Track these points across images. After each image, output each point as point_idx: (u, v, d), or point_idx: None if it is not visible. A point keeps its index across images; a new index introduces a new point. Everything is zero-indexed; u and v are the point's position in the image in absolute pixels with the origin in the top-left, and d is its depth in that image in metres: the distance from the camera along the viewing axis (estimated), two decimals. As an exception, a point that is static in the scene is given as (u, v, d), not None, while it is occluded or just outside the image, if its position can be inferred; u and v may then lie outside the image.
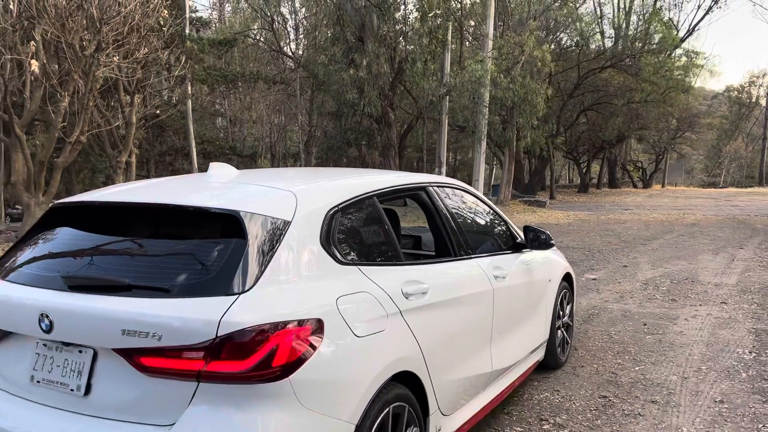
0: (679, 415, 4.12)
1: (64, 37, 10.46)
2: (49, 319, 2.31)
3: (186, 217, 2.49)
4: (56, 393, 2.36)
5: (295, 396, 2.18)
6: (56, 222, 2.79)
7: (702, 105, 75.27)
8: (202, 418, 2.13)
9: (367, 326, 2.52)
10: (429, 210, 3.55)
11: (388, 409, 2.56)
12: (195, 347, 2.11)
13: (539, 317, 4.49)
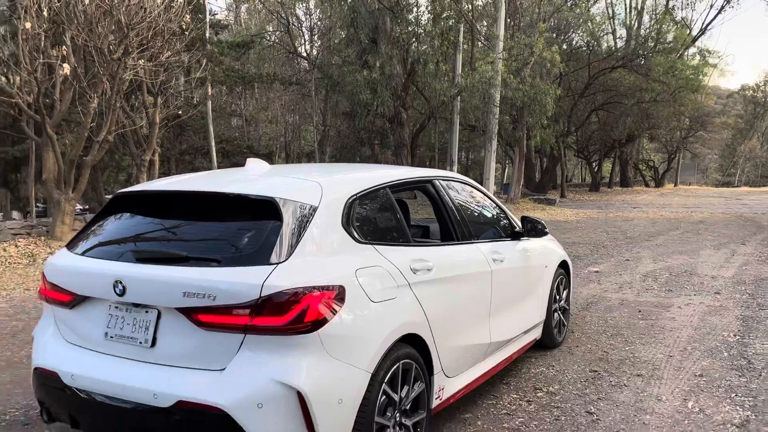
0: (661, 386, 4.59)
1: (94, 41, 11.04)
2: (122, 285, 2.83)
3: (233, 202, 3.01)
4: (127, 346, 2.88)
5: (323, 346, 2.69)
6: (119, 208, 3.32)
7: (717, 104, 75.01)
8: (248, 362, 2.64)
9: (380, 294, 3.02)
10: (435, 201, 4.06)
11: (398, 364, 3.06)
12: (242, 305, 2.63)
13: (536, 299, 4.97)
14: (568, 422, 3.93)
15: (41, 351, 3.16)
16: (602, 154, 36.71)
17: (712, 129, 53.39)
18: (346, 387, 2.76)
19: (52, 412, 3.13)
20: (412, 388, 3.20)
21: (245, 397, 2.59)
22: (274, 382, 2.60)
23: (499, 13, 18.81)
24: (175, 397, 2.66)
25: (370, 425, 2.86)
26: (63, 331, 3.15)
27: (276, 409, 2.60)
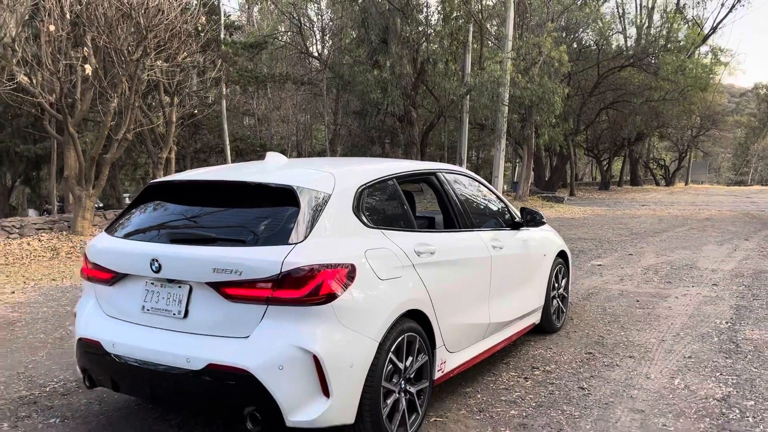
0: (651, 366, 4.90)
1: (114, 43, 11.46)
2: (158, 263, 3.19)
3: (256, 190, 3.37)
4: (162, 317, 3.25)
5: (336, 317, 3.04)
6: (152, 196, 3.69)
7: (731, 103, 74.66)
8: (270, 330, 2.99)
9: (387, 273, 3.37)
10: (438, 191, 4.40)
11: (403, 336, 3.40)
12: (265, 280, 2.98)
13: (534, 285, 5.29)
14: (561, 396, 4.26)
15: (84, 324, 3.53)
16: (612, 152, 36.83)
17: (724, 127, 53.24)
18: (357, 353, 3.11)
19: (94, 377, 3.50)
20: (416, 359, 3.54)
21: (268, 360, 2.94)
22: (293, 347, 2.95)
23: (508, 13, 19.08)
24: (205, 360, 3.02)
25: (378, 389, 3.21)
26: (103, 306, 3.52)
27: (295, 371, 2.95)
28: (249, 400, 2.98)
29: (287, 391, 2.94)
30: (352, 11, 20.27)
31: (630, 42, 30.99)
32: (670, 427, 3.77)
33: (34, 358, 5.08)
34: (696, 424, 3.81)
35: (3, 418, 3.88)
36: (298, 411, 2.97)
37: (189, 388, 3.11)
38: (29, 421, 3.84)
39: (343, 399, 3.05)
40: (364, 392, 3.15)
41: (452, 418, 3.91)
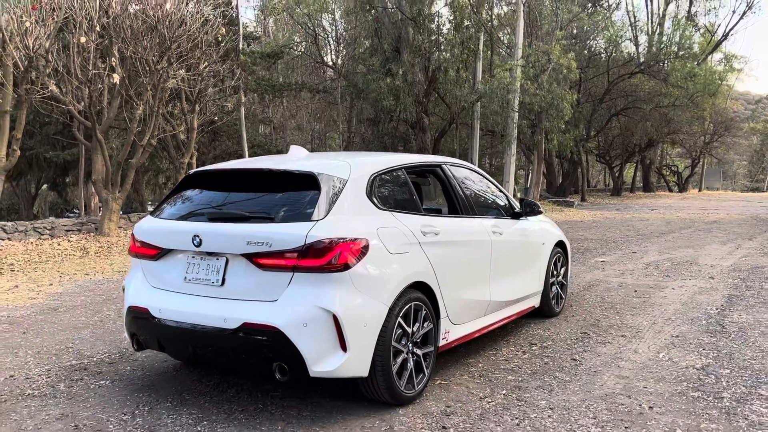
0: (640, 343, 5.35)
1: (140, 53, 12.10)
2: (199, 238, 3.72)
3: (283, 176, 3.90)
4: (202, 286, 3.76)
5: (352, 282, 3.54)
6: (191, 184, 4.22)
7: (747, 110, 74.38)
8: (296, 294, 3.50)
9: (396, 248, 3.87)
10: (443, 182, 4.90)
11: (410, 304, 3.89)
12: (292, 250, 3.49)
13: (533, 271, 5.76)
14: (554, 366, 4.72)
15: (133, 294, 4.06)
16: (624, 159, 37.09)
17: (738, 134, 53.19)
18: (370, 314, 3.60)
19: (142, 341, 4.02)
20: (422, 326, 4.03)
21: (294, 318, 3.44)
22: (316, 308, 3.46)
23: (518, 22, 19.59)
24: (240, 320, 3.53)
25: (388, 347, 3.70)
26: (149, 279, 4.05)
27: (317, 328, 3.45)
28: (278, 353, 3.48)
29: (310, 345, 3.44)
30: (366, 21, 20.87)
31: (641, 49, 31.34)
32: (650, 389, 4.22)
33: (79, 336, 5.62)
34: (674, 387, 4.26)
35: (59, 381, 4.42)
36: (319, 363, 3.47)
37: (226, 344, 3.62)
38: (82, 383, 4.37)
39: (358, 354, 3.55)
40: (376, 349, 3.64)
41: (455, 381, 4.38)
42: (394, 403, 3.85)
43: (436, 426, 3.62)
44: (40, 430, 3.58)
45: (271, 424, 3.63)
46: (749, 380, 4.40)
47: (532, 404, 3.95)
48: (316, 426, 3.61)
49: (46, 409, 3.90)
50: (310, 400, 4.00)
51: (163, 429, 3.57)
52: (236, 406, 3.92)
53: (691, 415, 3.78)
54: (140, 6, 12.44)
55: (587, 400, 4.02)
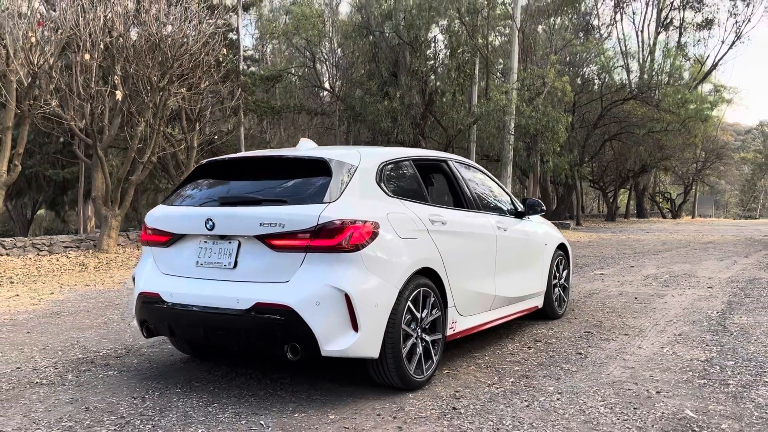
0: (643, 340, 5.38)
1: (142, 71, 12.26)
2: (212, 222, 3.77)
3: (295, 163, 3.98)
4: (214, 270, 3.80)
5: (364, 263, 3.59)
6: (203, 174, 4.28)
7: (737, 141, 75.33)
8: (308, 273, 3.54)
9: (405, 233, 3.92)
10: (448, 177, 4.98)
11: (419, 289, 3.94)
12: (304, 231, 3.54)
13: (536, 270, 5.81)
14: (560, 358, 4.75)
15: (143, 281, 4.09)
16: (618, 184, 37.38)
17: (729, 162, 53.74)
18: (380, 296, 3.64)
19: (152, 327, 4.04)
20: (430, 313, 4.06)
21: (307, 297, 3.48)
22: (328, 287, 3.50)
23: (513, 47, 19.94)
24: (253, 300, 3.56)
25: (398, 329, 3.73)
26: (159, 265, 4.09)
27: (329, 306, 3.49)
28: (290, 332, 3.51)
29: (322, 324, 3.47)
30: (364, 46, 21.19)
31: (632, 76, 31.84)
32: (656, 377, 4.25)
33: (84, 335, 5.62)
34: (679, 376, 4.29)
35: (67, 372, 4.41)
36: (331, 342, 3.50)
37: (238, 326, 3.64)
38: (90, 373, 4.37)
39: (369, 334, 3.58)
40: (387, 331, 3.67)
41: (462, 371, 4.41)
42: (403, 387, 3.86)
43: (446, 407, 3.64)
44: (50, 412, 3.57)
45: (282, 406, 3.64)
46: (754, 370, 4.44)
47: (540, 390, 3.97)
48: (327, 408, 3.62)
49: (56, 395, 3.90)
50: (319, 386, 4.02)
51: (174, 410, 3.58)
52: (246, 392, 3.93)
53: (698, 398, 3.81)
54: (143, 27, 12.64)
55: (595, 386, 4.05)
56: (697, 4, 36.87)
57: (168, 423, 3.39)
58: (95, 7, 11.88)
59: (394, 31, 20.07)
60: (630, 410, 3.60)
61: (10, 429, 3.32)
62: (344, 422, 3.39)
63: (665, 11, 36.29)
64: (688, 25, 37.52)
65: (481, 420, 3.43)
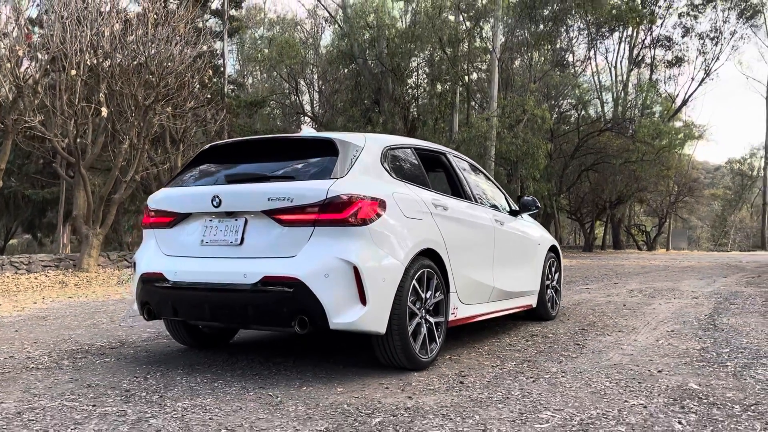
0: (638, 335, 5.43)
1: (129, 89, 12.27)
2: (219, 198, 3.77)
3: (302, 143, 4.04)
4: (219, 247, 3.79)
5: (371, 237, 3.61)
6: (207, 158, 4.30)
7: (706, 178, 77.16)
8: (317, 246, 3.55)
9: (410, 213, 3.96)
10: (447, 169, 5.05)
11: (423, 270, 3.96)
12: (313, 204, 3.56)
13: (530, 268, 5.87)
14: (559, 348, 4.78)
15: (145, 262, 4.05)
16: (594, 215, 37.90)
17: (701, 196, 54.92)
18: (388, 270, 3.65)
19: (154, 309, 3.99)
20: (434, 295, 4.08)
21: (315, 269, 3.49)
22: (337, 259, 3.51)
23: (493, 75, 20.36)
24: (260, 274, 3.55)
25: (404, 306, 3.73)
26: (162, 246, 4.06)
27: (338, 278, 3.49)
28: (298, 305, 3.50)
29: (331, 296, 3.47)
30: (347, 74, 21.47)
31: (607, 108, 32.63)
32: (656, 361, 4.29)
33: (74, 333, 5.51)
34: (678, 360, 4.34)
35: (62, 359, 4.32)
36: (339, 314, 3.49)
37: (245, 301, 3.62)
38: (86, 360, 4.28)
39: (377, 308, 3.58)
40: (394, 307, 3.68)
41: (465, 357, 4.41)
42: (408, 366, 3.85)
43: (453, 382, 3.64)
44: (51, 389, 3.49)
45: (288, 382, 3.61)
46: (749, 355, 4.51)
47: (544, 370, 3.99)
48: (334, 382, 3.60)
49: (54, 375, 3.82)
50: (323, 367, 3.99)
51: (179, 386, 3.52)
52: (249, 372, 3.89)
53: (699, 376, 3.86)
54: (130, 46, 12.68)
55: (597, 367, 4.08)
56: (667, 43, 38.16)
57: (175, 394, 3.33)
58: (83, 27, 11.91)
59: (377, 60, 20.39)
60: (635, 384, 3.63)
61: (11, 401, 3.23)
62: (353, 393, 3.37)
63: (637, 48, 37.45)
64: (659, 63, 38.76)
65: (490, 391, 3.44)
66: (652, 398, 3.32)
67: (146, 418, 2.91)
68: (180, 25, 13.07)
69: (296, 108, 23.86)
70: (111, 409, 3.05)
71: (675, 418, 2.97)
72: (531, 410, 3.09)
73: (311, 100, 25.12)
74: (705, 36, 37.98)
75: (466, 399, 3.28)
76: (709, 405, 3.20)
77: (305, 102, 24.84)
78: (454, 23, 20.66)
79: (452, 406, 3.15)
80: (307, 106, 24.93)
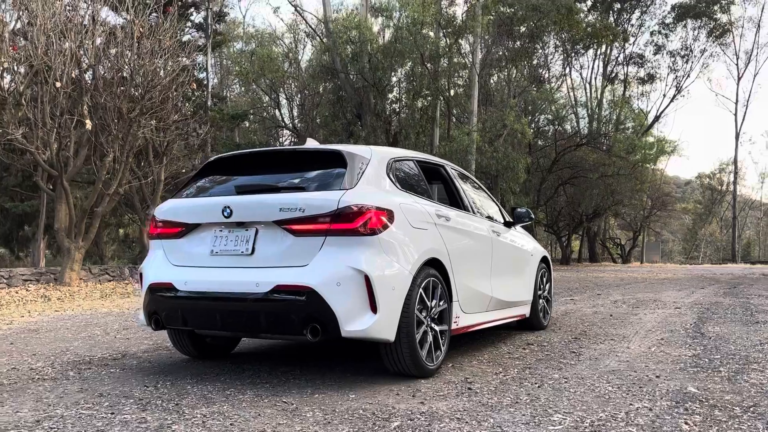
0: (630, 343, 5.58)
1: (114, 102, 12.22)
2: (230, 209, 3.82)
3: (310, 155, 4.13)
4: (230, 257, 3.84)
5: (381, 247, 3.70)
6: (214, 170, 4.36)
7: (677, 193, 78.69)
8: (328, 256, 3.62)
9: (416, 223, 4.06)
10: (446, 181, 5.17)
11: (429, 279, 4.05)
12: (324, 215, 3.64)
13: (524, 279, 5.99)
14: (557, 356, 4.89)
15: (153, 273, 4.08)
16: (571, 229, 38.40)
17: (673, 210, 55.97)
18: (397, 279, 3.74)
19: (162, 319, 4.01)
20: (438, 303, 4.17)
21: (327, 278, 3.56)
22: (348, 268, 3.58)
23: (473, 90, 20.65)
24: (273, 283, 3.61)
25: (412, 315, 3.82)
26: (170, 257, 4.09)
27: (349, 287, 3.56)
28: (311, 314, 3.56)
29: (343, 304, 3.54)
30: (329, 88, 21.59)
31: (583, 123, 33.21)
32: (652, 367, 4.43)
33: (71, 345, 5.48)
34: (673, 366, 4.48)
35: (67, 370, 4.32)
36: (351, 322, 3.56)
37: (257, 309, 3.67)
38: (91, 371, 4.28)
39: (387, 316, 3.66)
40: (402, 315, 3.76)
41: (467, 364, 4.50)
42: (416, 374, 3.93)
43: (461, 388, 3.72)
44: (62, 399, 3.50)
45: (300, 390, 3.66)
46: (740, 361, 4.67)
47: (546, 376, 4.10)
48: (345, 389, 3.66)
49: (63, 386, 3.82)
50: (331, 376, 4.05)
51: (192, 395, 3.55)
52: (259, 380, 3.93)
53: (696, 380, 4.00)
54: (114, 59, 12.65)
55: (597, 373, 4.20)
56: (639, 60, 39.06)
57: (190, 402, 3.37)
58: (66, 39, 11.85)
59: (359, 74, 20.55)
60: (636, 388, 3.75)
61: (26, 410, 3.24)
62: (366, 399, 3.44)
63: (611, 65, 38.27)
64: (632, 80, 39.64)
65: (499, 396, 3.53)
66: (656, 401, 3.44)
67: (168, 424, 2.95)
68: (165, 38, 13.08)
69: (276, 122, 23.89)
70: (130, 417, 3.07)
71: (681, 419, 3.09)
72: (542, 414, 3.18)
73: (290, 114, 25.20)
74: (676, 54, 38.97)
75: (477, 404, 3.37)
76: (710, 407, 3.33)
77: (285, 116, 24.89)
78: (434, 39, 20.95)
79: (465, 410, 3.24)
80: (287, 119, 24.99)
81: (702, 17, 36.97)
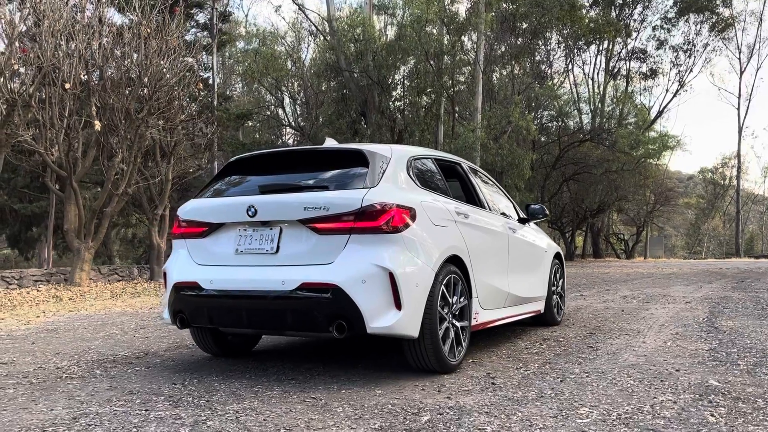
0: (645, 338, 5.62)
1: (122, 103, 12.28)
2: (254, 208, 3.87)
3: (332, 154, 4.19)
4: (254, 256, 3.89)
5: (404, 244, 3.75)
6: (235, 170, 4.41)
7: (679, 188, 78.68)
8: (353, 253, 3.67)
9: (438, 221, 4.11)
10: (462, 178, 5.21)
11: (450, 275, 4.10)
12: (349, 213, 3.69)
13: (539, 275, 6.04)
14: (574, 351, 4.94)
15: (178, 272, 4.13)
16: (575, 225, 38.42)
17: (676, 205, 55.95)
18: (420, 276, 3.79)
19: (188, 317, 4.06)
20: (459, 300, 4.22)
21: (353, 275, 3.61)
22: (373, 265, 3.63)
23: (477, 88, 20.68)
24: (298, 281, 3.66)
25: (435, 311, 3.86)
26: (194, 256, 4.14)
27: (374, 284, 3.61)
28: (336, 311, 3.61)
29: (368, 301, 3.59)
30: (333, 86, 21.62)
31: (586, 119, 33.21)
32: (670, 362, 4.47)
33: (93, 344, 5.54)
34: (691, 360, 4.53)
35: (93, 368, 4.37)
36: (376, 319, 3.61)
37: (283, 306, 3.72)
38: (117, 369, 4.34)
39: (411, 313, 3.70)
40: (426, 311, 3.81)
41: (487, 360, 4.55)
42: (439, 369, 3.98)
43: (485, 384, 3.77)
44: (94, 396, 3.55)
45: (326, 386, 3.71)
46: (758, 355, 4.71)
47: (567, 370, 4.14)
48: (371, 385, 3.71)
49: (92, 384, 3.87)
50: (354, 372, 4.10)
51: (221, 391, 3.61)
52: (284, 377, 3.98)
53: (716, 374, 4.04)
54: (122, 60, 12.70)
55: (617, 368, 4.24)
56: (642, 55, 38.98)
57: (220, 399, 3.42)
58: (74, 40, 11.90)
59: (363, 72, 20.58)
60: (658, 382, 3.79)
61: (60, 408, 3.29)
62: (392, 395, 3.49)
63: (613, 61, 38.23)
64: (635, 75, 39.56)
65: (523, 391, 3.58)
66: (679, 394, 3.49)
67: (202, 420, 3.00)
68: (172, 38, 13.12)
69: (279, 120, 23.94)
70: (165, 413, 3.12)
71: (706, 411, 3.14)
72: (568, 407, 3.23)
73: (294, 112, 25.22)
74: (678, 48, 38.88)
75: (503, 398, 3.42)
76: (734, 399, 3.37)
77: (290, 114, 24.94)
78: (438, 36, 20.97)
79: (492, 404, 3.29)
80: (291, 118, 25.03)
81: (704, 11, 36.86)
